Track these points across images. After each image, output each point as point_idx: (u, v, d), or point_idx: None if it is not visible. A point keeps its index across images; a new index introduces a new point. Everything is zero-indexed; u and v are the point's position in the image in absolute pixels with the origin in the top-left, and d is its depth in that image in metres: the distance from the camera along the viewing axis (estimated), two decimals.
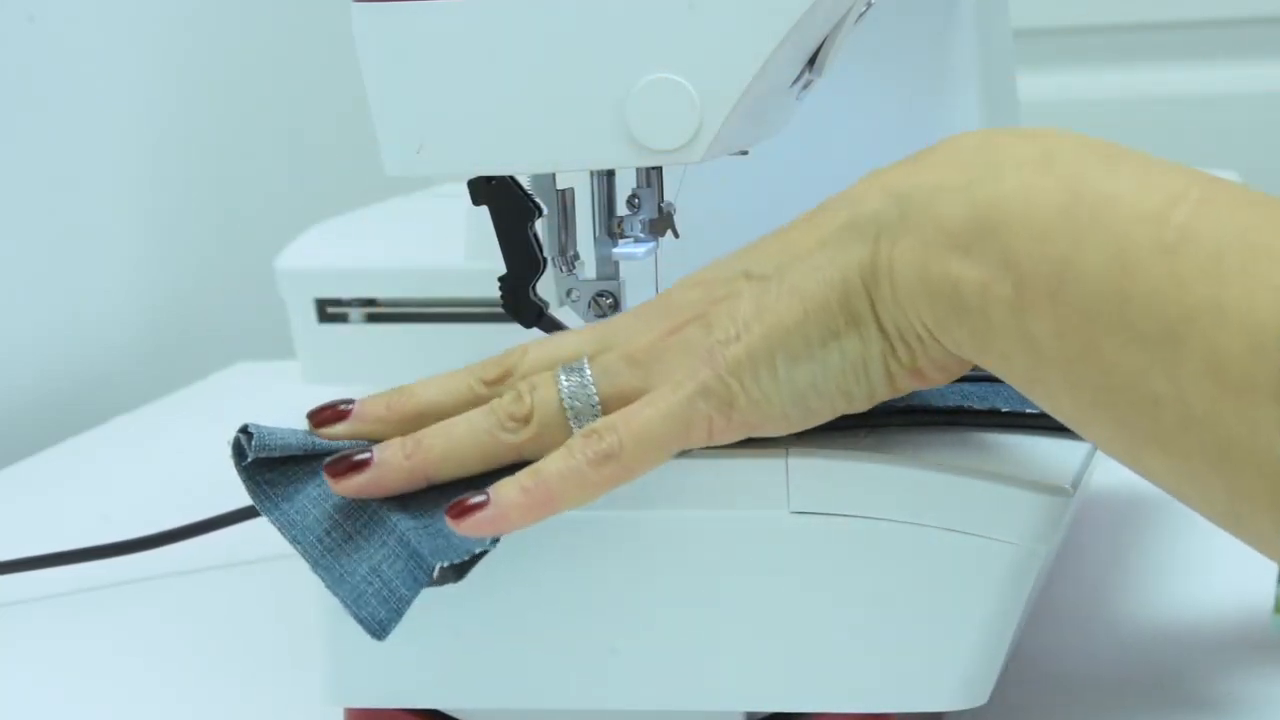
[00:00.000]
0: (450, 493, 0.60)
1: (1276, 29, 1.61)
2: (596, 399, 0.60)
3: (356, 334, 1.10)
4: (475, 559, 0.60)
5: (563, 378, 0.60)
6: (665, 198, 0.70)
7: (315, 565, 0.61)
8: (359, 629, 0.63)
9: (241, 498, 0.90)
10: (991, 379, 0.64)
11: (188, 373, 1.29)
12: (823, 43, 0.68)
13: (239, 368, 1.29)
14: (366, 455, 0.60)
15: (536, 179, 0.69)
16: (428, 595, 0.63)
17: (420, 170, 0.66)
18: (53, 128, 1.23)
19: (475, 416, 0.60)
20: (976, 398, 0.65)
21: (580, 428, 0.59)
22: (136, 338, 1.31)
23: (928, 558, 0.60)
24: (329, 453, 0.62)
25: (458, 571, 0.60)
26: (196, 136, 1.39)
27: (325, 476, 0.61)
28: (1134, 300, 0.51)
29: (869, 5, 0.70)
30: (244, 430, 0.62)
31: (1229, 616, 0.74)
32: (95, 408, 1.22)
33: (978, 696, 0.61)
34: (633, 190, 0.70)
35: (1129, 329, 0.51)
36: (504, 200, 0.67)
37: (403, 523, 0.60)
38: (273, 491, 0.62)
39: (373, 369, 1.08)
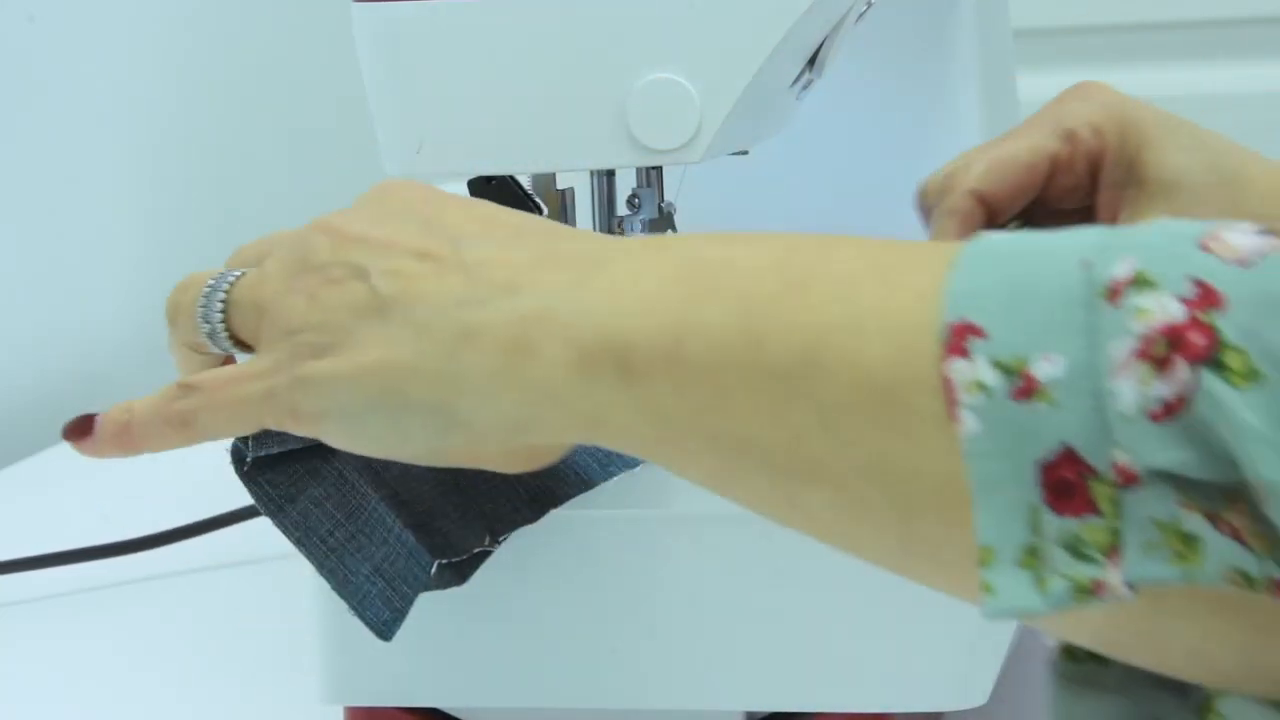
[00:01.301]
0: (448, 489, 0.60)
1: (1276, 29, 1.61)
2: (224, 331, 0.59)
3: None
4: (477, 560, 0.60)
5: (208, 289, 0.59)
6: (665, 198, 0.70)
7: (320, 568, 0.61)
8: (359, 628, 0.63)
9: (241, 498, 0.90)
10: None
11: None
12: (823, 43, 0.68)
13: None
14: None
15: (536, 179, 0.69)
16: (428, 595, 0.63)
17: (420, 170, 0.66)
18: (53, 128, 1.23)
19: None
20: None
21: (214, 344, 0.59)
22: (136, 338, 1.31)
23: None
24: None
25: (459, 574, 0.60)
26: (196, 136, 1.39)
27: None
28: (763, 338, 0.47)
29: (869, 5, 0.70)
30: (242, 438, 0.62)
31: None
32: (95, 408, 1.22)
33: (978, 696, 0.61)
34: (633, 190, 0.70)
35: (759, 367, 0.47)
36: (504, 200, 0.67)
37: (399, 521, 0.60)
38: (275, 494, 0.62)
39: None
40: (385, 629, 0.60)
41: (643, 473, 0.62)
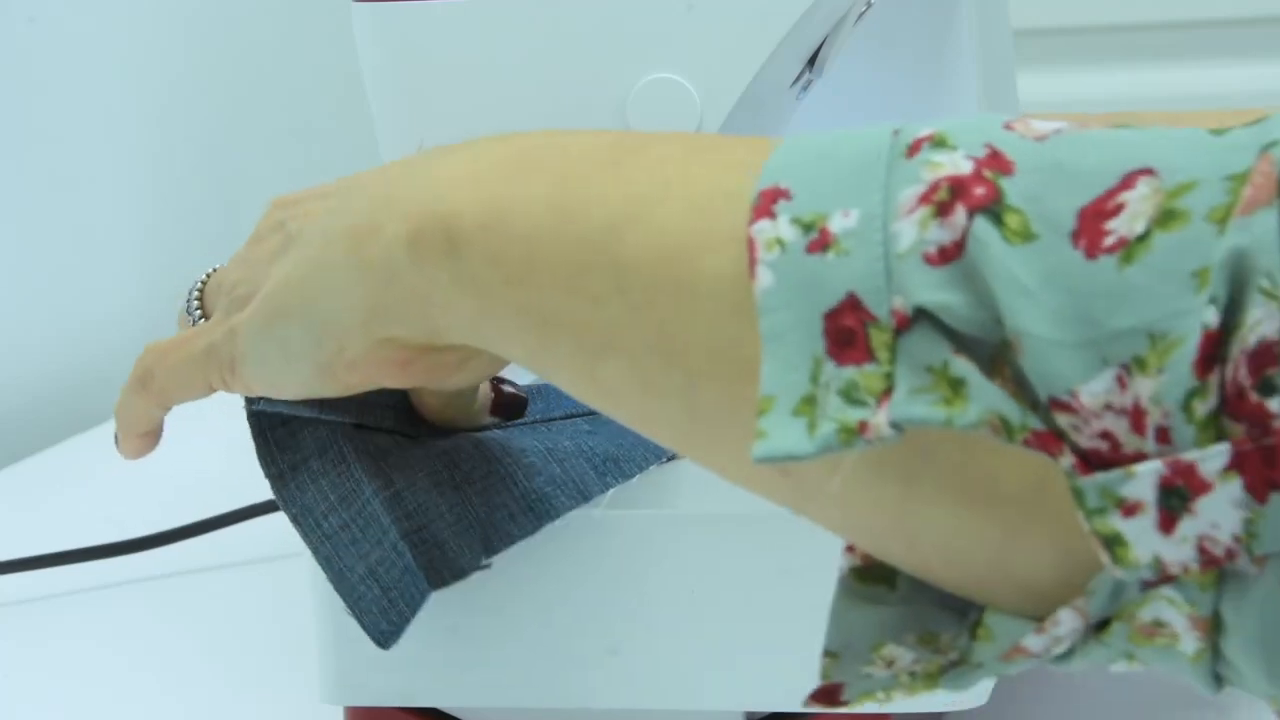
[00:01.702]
0: (445, 487, 0.60)
1: (1276, 29, 1.61)
2: (199, 314, 0.62)
3: None
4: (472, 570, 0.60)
5: (201, 277, 0.63)
6: None
7: (316, 553, 0.61)
8: (359, 629, 0.63)
9: (241, 498, 0.90)
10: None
11: None
12: (823, 43, 0.68)
13: None
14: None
15: None
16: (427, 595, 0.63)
17: None
18: (53, 128, 1.23)
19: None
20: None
21: (186, 306, 0.62)
22: (137, 338, 1.31)
23: None
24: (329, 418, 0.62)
25: (455, 574, 0.60)
26: (196, 136, 1.39)
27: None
28: (572, 208, 0.49)
29: (869, 5, 0.70)
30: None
31: None
32: (95, 408, 1.22)
33: (977, 697, 0.61)
34: None
35: (567, 236, 0.48)
36: None
37: (395, 528, 0.60)
38: (282, 460, 0.62)
39: None
40: (384, 639, 0.60)
41: (642, 475, 0.62)
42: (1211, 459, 0.37)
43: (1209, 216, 0.38)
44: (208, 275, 0.62)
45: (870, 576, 0.46)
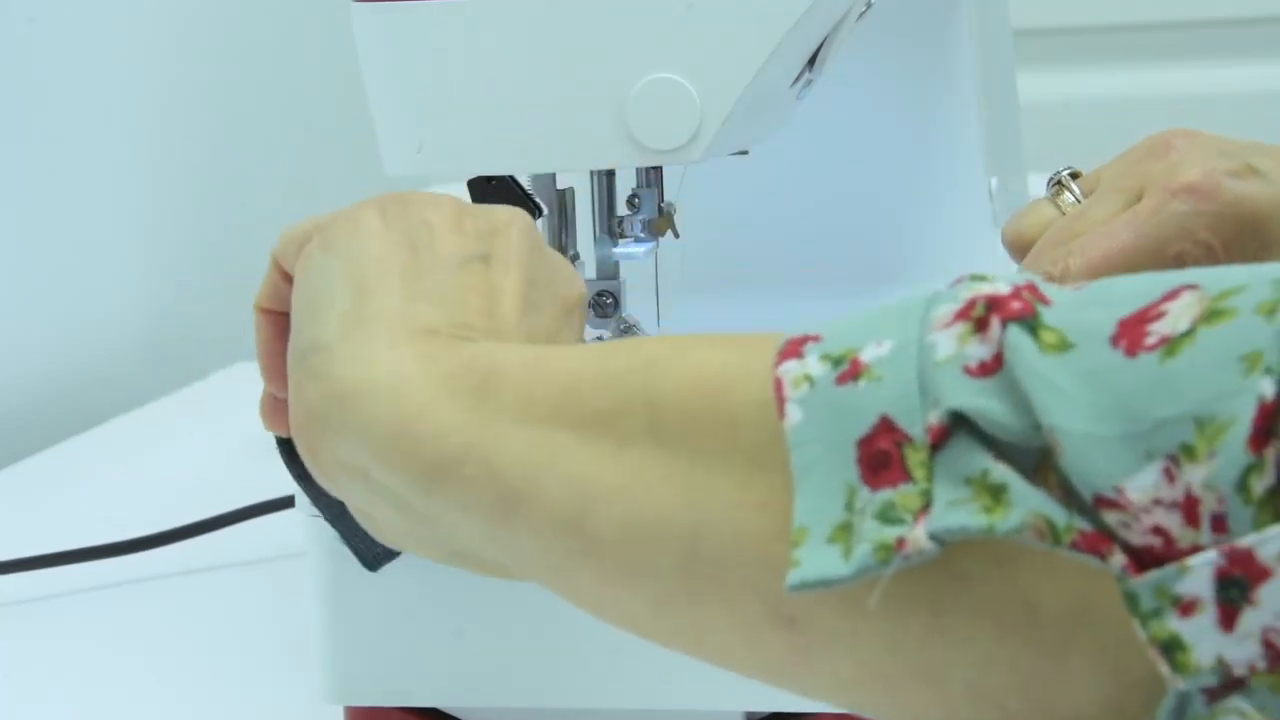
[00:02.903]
0: None
1: (1276, 29, 1.61)
2: None
3: None
4: None
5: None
6: (665, 198, 0.70)
7: (316, 500, 0.61)
8: (359, 628, 0.63)
9: (241, 498, 0.90)
10: None
11: (188, 373, 1.29)
12: (823, 43, 0.68)
13: (239, 368, 1.29)
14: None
15: (536, 179, 0.69)
16: (428, 595, 0.63)
17: (420, 170, 0.66)
18: (53, 128, 1.23)
19: None
20: None
21: None
22: (137, 338, 1.31)
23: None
24: None
25: None
26: (197, 136, 1.39)
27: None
28: (609, 351, 0.49)
29: (869, 5, 0.70)
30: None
31: None
32: (95, 408, 1.22)
33: None
34: (633, 190, 0.70)
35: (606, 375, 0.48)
36: (504, 200, 0.67)
37: None
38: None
39: None
40: (374, 561, 0.60)
41: None
42: (1271, 541, 0.35)
43: (1257, 310, 0.37)
44: None
45: None
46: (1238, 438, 0.36)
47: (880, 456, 0.40)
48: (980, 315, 0.40)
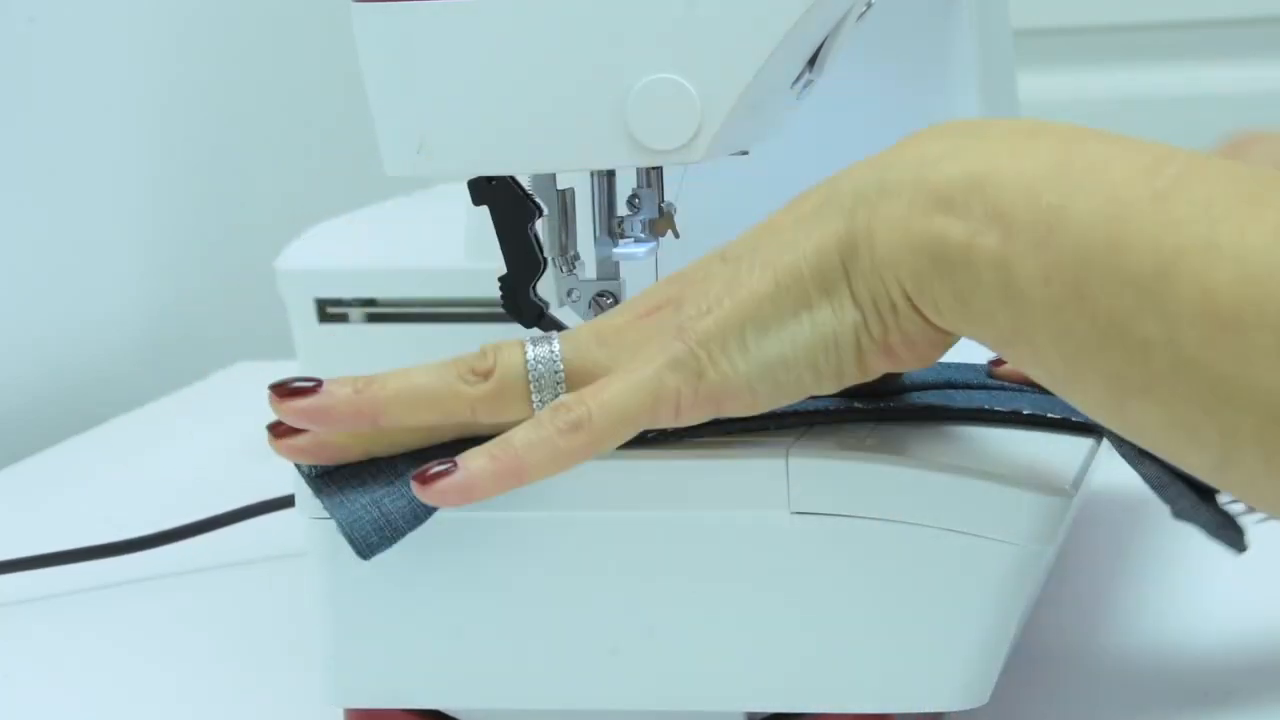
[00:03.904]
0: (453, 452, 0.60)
1: (1276, 29, 1.61)
2: (561, 369, 0.59)
3: (356, 334, 1.09)
4: None
5: (530, 346, 0.60)
6: (665, 198, 0.70)
7: (318, 492, 0.61)
8: (359, 629, 0.63)
9: (241, 498, 0.90)
10: (1017, 388, 0.64)
11: (188, 373, 1.29)
12: (823, 43, 0.68)
13: (239, 368, 1.29)
14: (311, 384, 0.60)
15: (536, 179, 0.69)
16: (428, 596, 0.63)
17: (420, 170, 0.66)
18: (53, 128, 1.23)
19: (436, 365, 0.60)
20: (1001, 400, 0.65)
21: (540, 397, 0.59)
22: (137, 338, 1.31)
23: (928, 558, 0.60)
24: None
25: None
26: (197, 136, 1.39)
27: (271, 399, 0.60)
28: (1124, 243, 0.50)
29: (869, 5, 0.70)
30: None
31: (1230, 616, 0.74)
32: (95, 408, 1.22)
33: (978, 697, 0.61)
34: (633, 190, 0.70)
35: (1119, 272, 0.50)
36: (504, 200, 0.67)
37: (409, 469, 0.60)
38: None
39: (373, 369, 1.08)
40: (369, 549, 0.60)
41: (643, 473, 0.62)
42: None
43: None
44: (556, 349, 0.60)
45: None
46: None
47: None
48: None
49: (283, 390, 0.60)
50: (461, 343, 0.62)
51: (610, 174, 0.69)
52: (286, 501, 0.86)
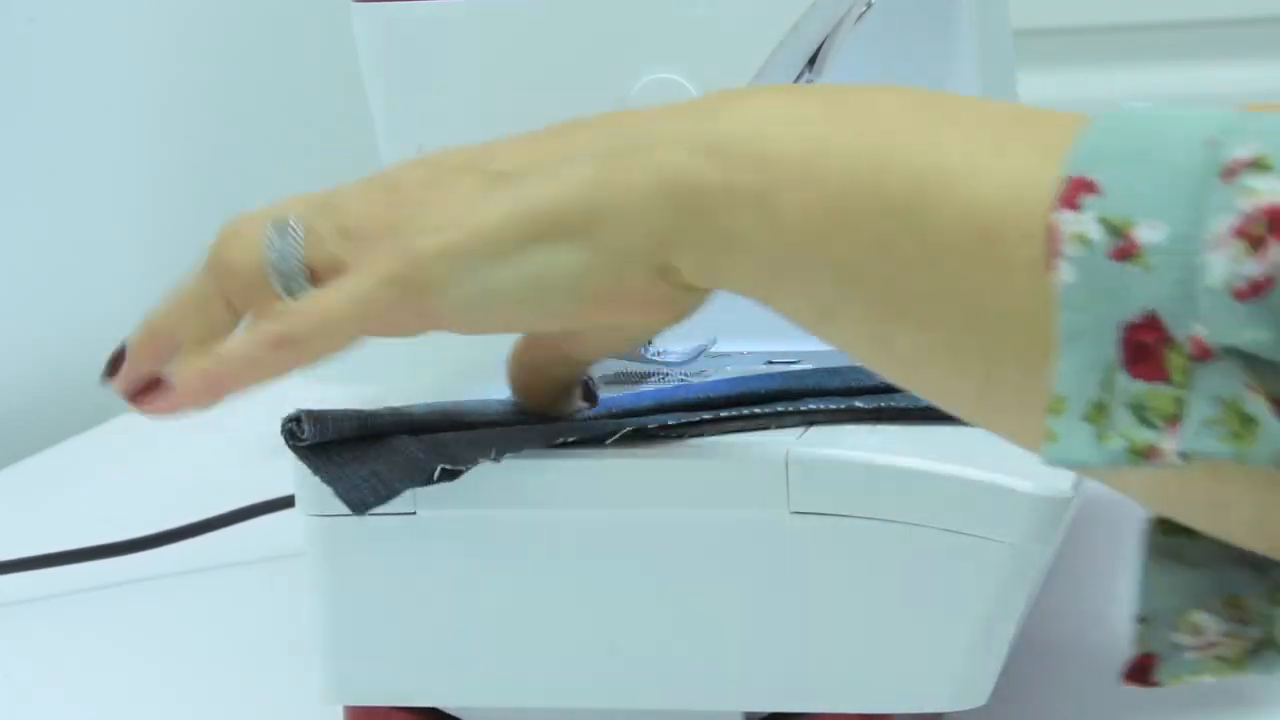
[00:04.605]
0: (461, 426, 0.60)
1: (1276, 29, 1.61)
2: (302, 266, 0.58)
3: None
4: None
5: (272, 235, 0.58)
6: None
7: (316, 470, 0.61)
8: (359, 629, 0.63)
9: (241, 498, 0.90)
10: None
11: None
12: (823, 43, 0.68)
13: None
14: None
15: None
16: (428, 595, 0.63)
17: None
18: (53, 128, 1.23)
19: (192, 276, 0.60)
20: None
21: (287, 290, 0.58)
22: None
23: (928, 558, 0.60)
24: (380, 428, 0.61)
25: (452, 474, 0.60)
26: (196, 136, 1.39)
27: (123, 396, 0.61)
28: (885, 167, 0.49)
29: (869, 5, 0.70)
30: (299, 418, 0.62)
31: None
32: (95, 408, 1.22)
33: (978, 697, 0.61)
34: None
35: (879, 194, 0.49)
36: None
37: (410, 443, 0.61)
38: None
39: (372, 368, 1.08)
40: (361, 506, 0.60)
41: (643, 472, 0.62)
42: None
43: None
44: (294, 221, 0.59)
45: (1173, 527, 0.47)
46: None
47: (1142, 348, 0.42)
48: (1259, 234, 0.41)
49: (131, 393, 0.63)
50: (462, 342, 0.62)
51: None
52: (286, 501, 0.86)
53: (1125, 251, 0.43)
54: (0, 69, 1.18)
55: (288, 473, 0.64)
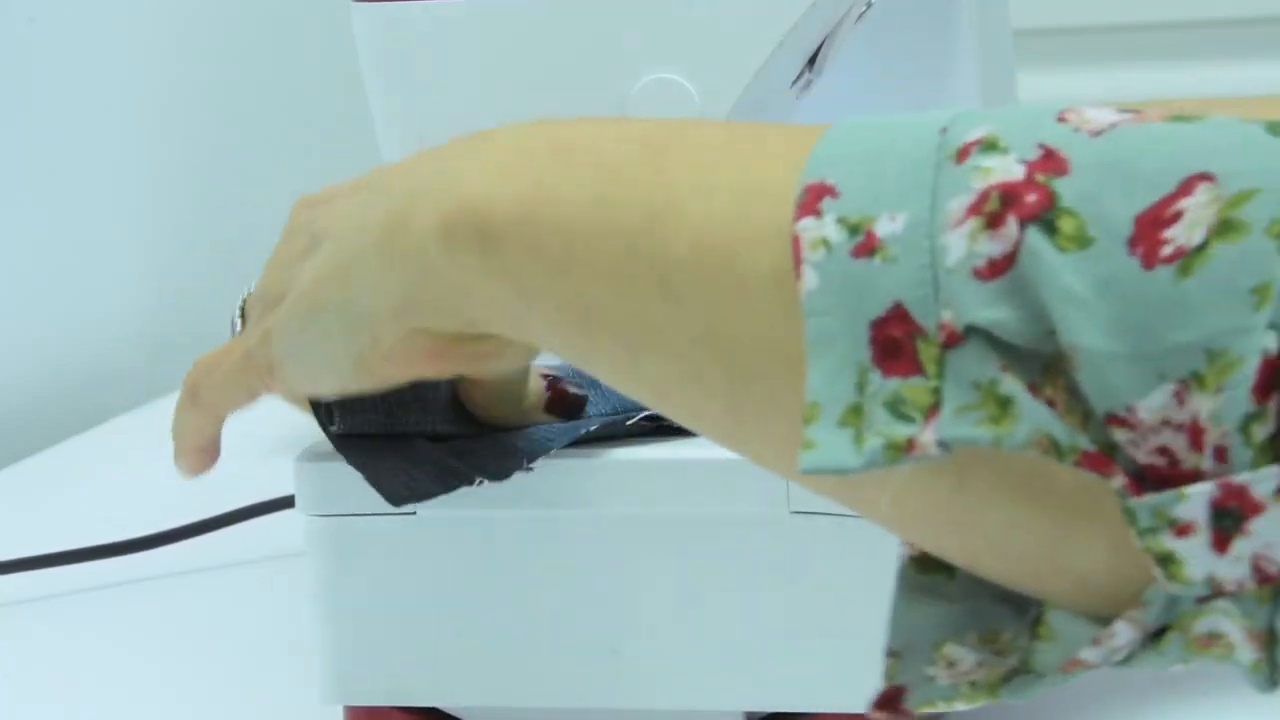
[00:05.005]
0: (479, 432, 0.61)
1: (1276, 29, 1.61)
2: (241, 325, 0.62)
3: None
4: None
5: (244, 294, 0.62)
6: None
7: (349, 459, 0.61)
8: (359, 629, 0.63)
9: (241, 498, 0.90)
10: None
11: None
12: (823, 43, 0.68)
13: None
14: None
15: None
16: (428, 595, 0.63)
17: None
18: (53, 128, 1.23)
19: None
20: None
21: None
22: (136, 338, 1.31)
23: None
24: (405, 429, 0.62)
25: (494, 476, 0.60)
26: (196, 136, 1.39)
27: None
28: (612, 199, 0.47)
29: (869, 5, 0.70)
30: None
31: None
32: (95, 408, 1.22)
33: None
34: None
35: (609, 229, 0.47)
36: None
37: (434, 450, 0.61)
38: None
39: None
40: (396, 499, 0.60)
41: (643, 472, 0.62)
42: (1263, 481, 0.37)
43: (1268, 230, 0.38)
44: (250, 291, 0.62)
45: (929, 565, 0.45)
46: (1243, 381, 0.37)
47: (893, 343, 0.41)
48: (994, 210, 0.40)
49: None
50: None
51: None
52: (286, 501, 0.86)
53: (866, 247, 0.41)
54: (0, 69, 1.18)
55: (288, 473, 0.64)
